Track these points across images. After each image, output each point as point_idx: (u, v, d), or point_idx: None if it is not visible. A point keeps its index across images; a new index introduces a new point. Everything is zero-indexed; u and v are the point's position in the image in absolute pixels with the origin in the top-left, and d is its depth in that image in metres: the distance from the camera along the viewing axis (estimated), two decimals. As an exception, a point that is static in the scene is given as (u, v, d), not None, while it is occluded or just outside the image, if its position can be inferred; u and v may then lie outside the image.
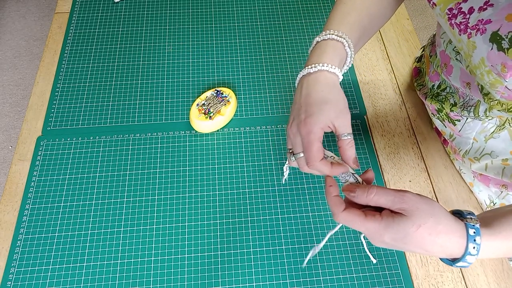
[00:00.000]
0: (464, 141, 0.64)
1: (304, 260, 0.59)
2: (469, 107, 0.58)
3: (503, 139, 0.58)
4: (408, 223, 0.38)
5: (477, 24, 0.47)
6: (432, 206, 0.40)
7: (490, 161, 0.61)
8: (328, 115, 0.47)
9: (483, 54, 0.47)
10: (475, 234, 0.39)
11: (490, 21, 0.45)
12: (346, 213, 0.41)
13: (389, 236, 0.39)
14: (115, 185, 0.65)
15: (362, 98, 0.77)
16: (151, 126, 0.72)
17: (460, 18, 0.49)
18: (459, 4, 0.49)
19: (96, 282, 0.57)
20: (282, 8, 0.90)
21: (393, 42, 0.86)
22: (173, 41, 0.84)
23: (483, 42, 0.46)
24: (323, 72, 0.50)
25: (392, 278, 0.58)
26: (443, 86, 0.65)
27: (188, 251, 0.60)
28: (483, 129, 0.60)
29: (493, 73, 0.46)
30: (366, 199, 0.41)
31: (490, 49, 0.45)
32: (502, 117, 0.55)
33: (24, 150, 0.69)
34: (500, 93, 0.48)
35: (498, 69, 0.45)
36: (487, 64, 0.47)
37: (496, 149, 0.59)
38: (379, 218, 0.40)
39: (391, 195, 0.40)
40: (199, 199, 0.64)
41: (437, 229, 0.38)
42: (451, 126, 0.65)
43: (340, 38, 0.52)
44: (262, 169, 0.68)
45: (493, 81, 0.47)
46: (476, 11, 0.47)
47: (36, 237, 0.60)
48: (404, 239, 0.39)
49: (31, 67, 1.83)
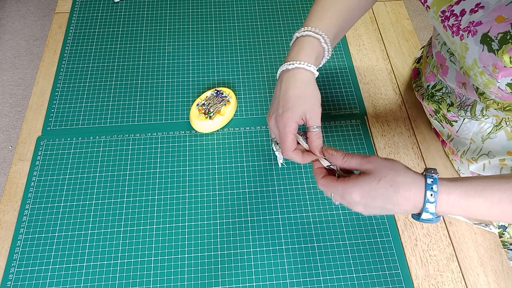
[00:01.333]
0: (461, 141, 0.64)
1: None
2: (466, 107, 0.59)
3: (500, 139, 0.58)
4: (371, 177, 0.45)
5: (468, 26, 0.47)
6: (393, 163, 0.45)
7: (487, 161, 0.61)
8: (301, 109, 0.52)
9: (475, 55, 0.47)
10: (433, 183, 0.43)
11: (481, 23, 0.46)
12: (324, 179, 0.49)
13: (357, 193, 0.45)
14: (115, 185, 0.65)
15: (362, 98, 0.77)
16: (151, 126, 0.72)
17: (452, 20, 0.50)
18: (451, 7, 0.50)
19: (96, 282, 0.57)
20: (282, 8, 0.90)
21: (393, 42, 0.86)
22: (173, 41, 0.84)
23: (475, 44, 0.47)
24: (300, 69, 0.53)
25: (392, 278, 0.58)
26: (439, 87, 0.65)
27: (188, 251, 0.60)
28: (480, 130, 0.60)
29: (486, 74, 0.47)
30: (341, 160, 0.49)
31: (482, 51, 0.46)
32: (499, 116, 0.55)
33: (24, 150, 0.69)
34: (494, 93, 0.48)
35: (490, 70, 0.46)
36: (479, 65, 0.47)
37: (493, 149, 0.60)
38: (347, 179, 0.46)
39: (359, 157, 0.47)
40: (199, 199, 0.64)
41: (396, 180, 0.43)
42: (449, 127, 0.65)
43: (317, 34, 0.54)
44: (262, 169, 0.68)
45: (486, 82, 0.48)
46: (467, 13, 0.47)
47: (36, 237, 0.60)
48: (370, 192, 0.44)
49: (31, 67, 1.83)
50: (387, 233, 0.62)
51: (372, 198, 0.45)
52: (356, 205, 0.46)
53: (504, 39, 0.43)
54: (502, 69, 0.44)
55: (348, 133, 0.72)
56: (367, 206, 0.46)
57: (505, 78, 0.45)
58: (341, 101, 0.76)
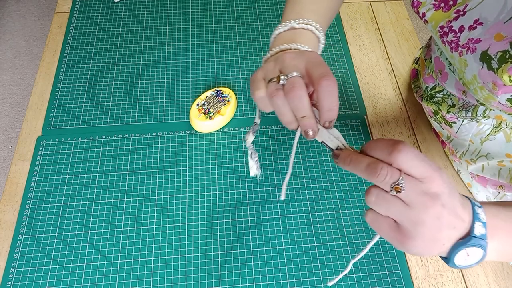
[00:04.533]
0: (460, 143, 0.65)
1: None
2: (468, 108, 0.59)
3: (498, 141, 0.59)
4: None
5: (467, 43, 0.47)
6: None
7: (486, 163, 0.61)
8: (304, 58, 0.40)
9: (474, 72, 0.47)
10: (479, 207, 0.35)
11: (480, 40, 0.45)
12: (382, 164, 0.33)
13: (441, 179, 0.33)
14: (115, 185, 0.65)
15: (362, 98, 0.77)
16: (151, 126, 0.72)
17: (451, 36, 0.49)
18: (450, 23, 0.49)
19: (96, 282, 0.57)
20: (282, 8, 0.90)
21: (393, 42, 0.86)
22: (173, 41, 0.84)
23: (474, 61, 0.46)
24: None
25: (392, 278, 0.58)
26: (438, 89, 0.65)
27: (188, 251, 0.60)
28: (479, 131, 0.60)
29: (485, 89, 0.46)
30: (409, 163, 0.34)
31: (481, 68, 0.45)
32: (501, 117, 0.55)
33: (24, 150, 0.69)
34: (494, 106, 0.48)
35: (490, 87, 0.45)
36: (479, 80, 0.47)
37: (492, 151, 0.60)
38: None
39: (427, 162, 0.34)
40: (199, 199, 0.64)
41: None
42: (448, 128, 0.65)
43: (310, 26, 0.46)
44: (262, 169, 0.68)
45: (486, 96, 0.47)
46: (466, 30, 0.47)
47: (36, 237, 0.60)
48: (449, 183, 0.34)
49: (31, 67, 1.83)
50: (387, 233, 0.62)
51: (450, 189, 0.33)
52: (436, 200, 0.32)
53: (503, 58, 0.43)
54: (501, 87, 0.44)
55: (348, 133, 0.72)
56: (447, 205, 0.32)
57: (505, 94, 0.45)
58: (341, 101, 0.76)
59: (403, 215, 0.33)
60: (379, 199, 0.34)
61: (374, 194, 0.34)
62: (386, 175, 0.32)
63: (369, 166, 0.33)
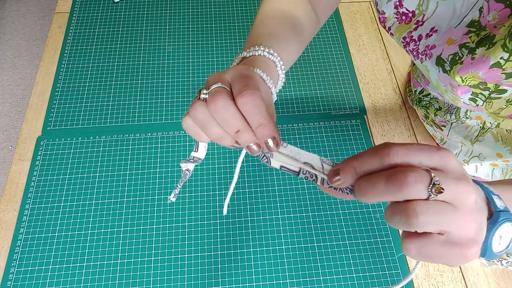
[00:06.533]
0: (453, 144, 0.66)
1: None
2: (452, 110, 0.60)
3: (488, 141, 0.60)
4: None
5: (425, 50, 0.49)
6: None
7: (479, 163, 0.63)
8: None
9: (435, 76, 0.49)
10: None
11: (435, 46, 0.47)
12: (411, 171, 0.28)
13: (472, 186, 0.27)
14: (115, 185, 0.65)
15: (362, 98, 0.77)
16: (151, 126, 0.72)
17: (412, 45, 0.51)
18: (410, 33, 0.51)
19: (96, 282, 0.57)
20: (282, 8, 0.90)
21: (393, 42, 0.86)
22: (173, 41, 0.84)
23: (432, 66, 0.48)
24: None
25: (392, 278, 0.58)
26: (426, 92, 0.67)
27: (188, 251, 0.60)
28: (468, 133, 0.62)
29: (449, 92, 0.49)
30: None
31: (439, 72, 0.48)
32: (480, 117, 0.55)
33: (24, 150, 0.69)
34: (464, 106, 0.50)
35: (449, 89, 0.48)
36: (441, 84, 0.49)
37: (483, 151, 0.61)
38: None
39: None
40: (199, 199, 0.64)
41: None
42: (439, 131, 0.67)
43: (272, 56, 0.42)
44: (262, 169, 0.68)
45: (452, 98, 0.50)
46: (424, 38, 0.49)
47: (36, 237, 0.60)
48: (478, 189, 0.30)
49: (31, 67, 1.83)
50: (387, 233, 0.62)
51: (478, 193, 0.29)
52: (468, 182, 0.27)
53: (454, 60, 0.45)
54: (457, 87, 0.46)
55: (348, 133, 0.72)
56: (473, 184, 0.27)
57: (465, 94, 0.47)
58: (341, 101, 0.76)
59: (453, 219, 0.26)
60: (427, 215, 0.25)
61: (419, 212, 0.25)
62: (416, 177, 0.25)
63: (390, 178, 0.26)
